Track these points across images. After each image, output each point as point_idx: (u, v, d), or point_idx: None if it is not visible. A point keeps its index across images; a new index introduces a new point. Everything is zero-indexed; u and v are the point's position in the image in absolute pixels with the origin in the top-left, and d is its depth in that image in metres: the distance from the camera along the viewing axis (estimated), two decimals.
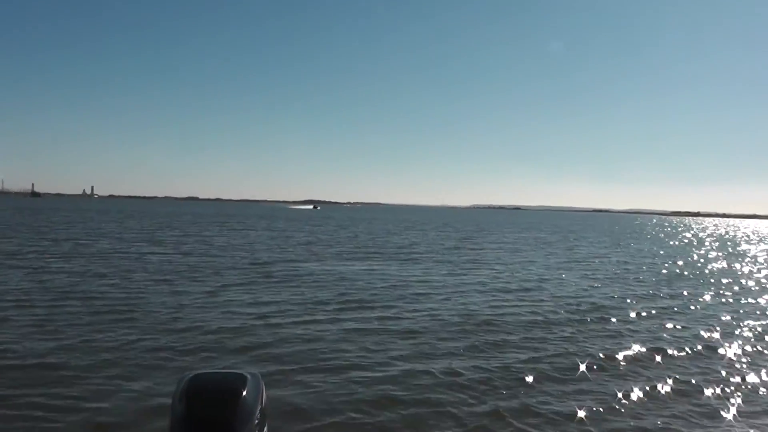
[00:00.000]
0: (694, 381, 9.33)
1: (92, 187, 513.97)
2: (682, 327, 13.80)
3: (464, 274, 22.97)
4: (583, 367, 9.92)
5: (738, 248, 50.91)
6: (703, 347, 11.76)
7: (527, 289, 19.20)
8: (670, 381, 9.19)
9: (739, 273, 28.29)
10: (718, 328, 13.67)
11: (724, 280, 24.44)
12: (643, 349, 11.38)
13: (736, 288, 21.92)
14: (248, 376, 1.61)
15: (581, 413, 7.69)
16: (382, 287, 18.41)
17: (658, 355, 11.03)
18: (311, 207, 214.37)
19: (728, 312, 16.25)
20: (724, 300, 18.60)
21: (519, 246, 42.66)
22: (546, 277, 23.21)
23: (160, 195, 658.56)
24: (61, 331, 11.08)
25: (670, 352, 11.25)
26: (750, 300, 18.74)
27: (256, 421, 1.53)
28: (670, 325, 13.86)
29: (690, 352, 11.37)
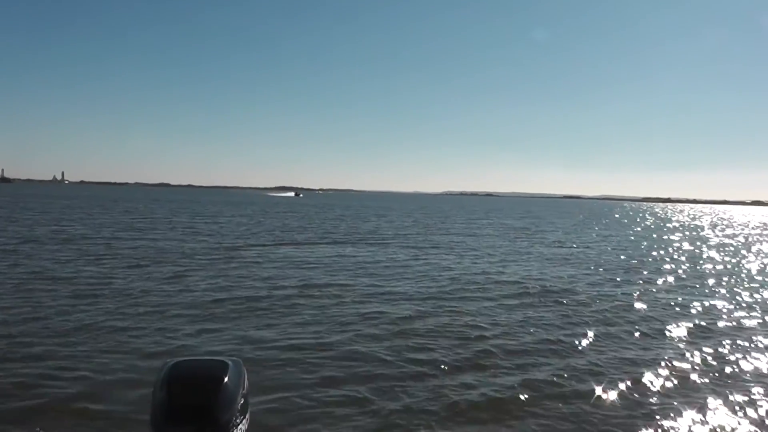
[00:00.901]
0: (634, 359, 9.89)
1: (63, 173, 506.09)
2: (626, 308, 14.87)
3: (423, 257, 24.00)
4: (517, 346, 10.92)
5: (700, 233, 52.80)
6: (643, 329, 12.52)
7: (485, 273, 20.28)
8: (613, 362, 9.67)
9: (694, 257, 29.71)
10: (663, 310, 14.70)
11: (679, 264, 25.82)
12: (588, 331, 12.31)
13: (685, 271, 23.28)
14: (230, 363, 1.62)
15: (519, 394, 8.01)
16: (345, 269, 19.36)
17: (598, 335, 11.91)
18: (293, 194, 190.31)
19: (677, 294, 17.35)
20: (674, 283, 19.77)
21: (482, 231, 43.86)
22: (499, 260, 24.32)
23: (131, 181, 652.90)
24: (28, 314, 11.51)
25: (612, 331, 12.04)
26: (700, 282, 20.01)
27: (239, 408, 1.55)
28: (614, 306, 14.92)
29: (632, 334, 12.06)
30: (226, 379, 1.54)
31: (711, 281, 20.04)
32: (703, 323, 13.00)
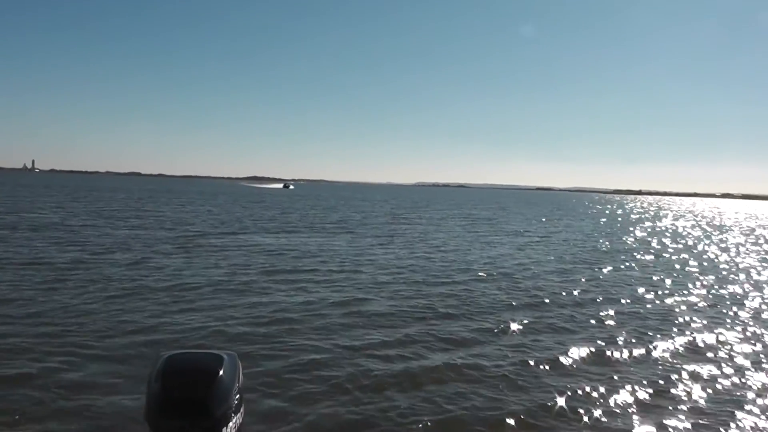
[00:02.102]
0: (560, 339, 10.61)
1: (33, 161, 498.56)
2: (564, 292, 16.31)
3: (387, 244, 25.23)
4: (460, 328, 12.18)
5: (660, 223, 54.83)
6: (575, 312, 13.87)
7: (444, 260, 21.56)
8: (550, 348, 10.26)
9: (647, 247, 31.38)
10: (598, 295, 16.28)
11: (629, 254, 27.44)
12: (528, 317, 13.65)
13: (633, 260, 24.84)
14: (225, 357, 1.63)
15: (442, 377, 8.53)
16: (307, 257, 20.52)
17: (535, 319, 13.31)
18: (281, 185, 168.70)
19: (627, 282, 18.83)
20: (623, 271, 21.29)
21: (447, 221, 45.23)
22: (453, 248, 25.64)
23: (101, 170, 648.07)
24: None
25: (552, 321, 13.24)
26: (643, 271, 21.55)
27: (234, 402, 1.56)
28: (552, 291, 16.39)
29: (567, 322, 13.47)
30: (221, 373, 1.56)
31: (655, 269, 21.58)
32: (629, 308, 14.33)
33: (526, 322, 11.90)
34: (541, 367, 9.09)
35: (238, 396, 1.59)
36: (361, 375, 8.38)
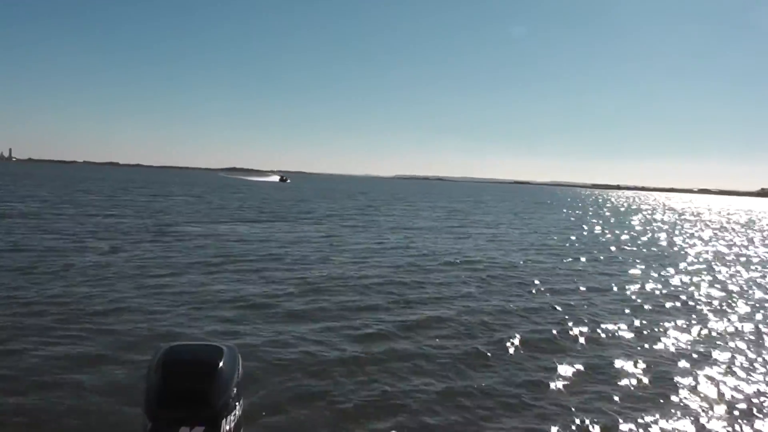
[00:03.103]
0: (519, 335, 10.64)
1: (10, 150, 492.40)
2: (522, 278, 17.22)
3: (361, 233, 26.00)
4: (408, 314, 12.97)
5: (630, 217, 56.30)
6: (527, 296, 14.90)
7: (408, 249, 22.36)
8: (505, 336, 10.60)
9: (615, 240, 32.51)
10: (552, 281, 17.20)
11: (594, 246, 28.49)
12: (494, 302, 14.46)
13: (599, 251, 25.87)
14: (225, 348, 1.63)
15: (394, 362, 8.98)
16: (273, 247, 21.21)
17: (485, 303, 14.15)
18: (277, 179, 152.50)
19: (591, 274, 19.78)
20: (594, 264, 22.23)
21: (420, 213, 46.09)
22: (414, 237, 26.49)
23: (79, 159, 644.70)
24: None
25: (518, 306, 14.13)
26: (609, 261, 22.53)
27: (233, 393, 1.57)
28: (510, 278, 17.32)
29: (517, 297, 14.42)
30: (221, 364, 1.56)
31: (612, 259, 22.60)
32: (580, 296, 15.32)
33: (484, 309, 12.62)
34: (489, 352, 9.66)
35: (237, 388, 1.61)
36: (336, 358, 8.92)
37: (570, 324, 11.54)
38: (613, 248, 26.33)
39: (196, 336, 9.53)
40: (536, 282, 16.08)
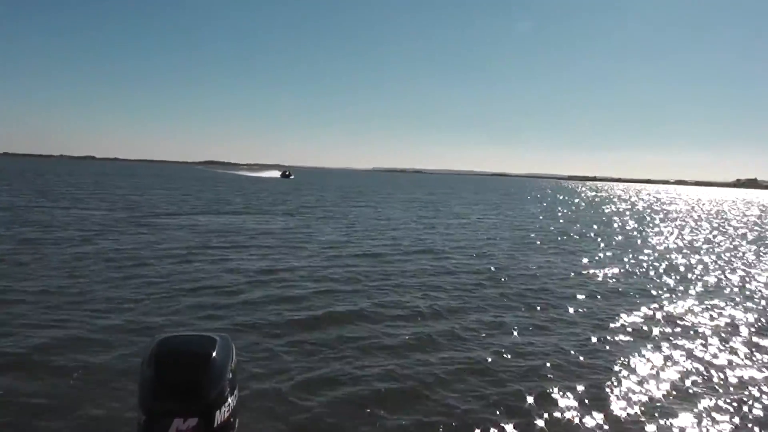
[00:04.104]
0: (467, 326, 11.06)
1: None
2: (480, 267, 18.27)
3: (333, 225, 26.90)
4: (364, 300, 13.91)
5: (598, 210, 57.74)
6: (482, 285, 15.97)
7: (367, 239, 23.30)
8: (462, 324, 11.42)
9: (576, 231, 33.74)
10: (502, 270, 18.32)
11: (555, 237, 29.65)
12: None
13: (560, 241, 27.01)
14: (217, 339, 1.64)
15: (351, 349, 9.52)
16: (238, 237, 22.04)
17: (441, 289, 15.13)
18: (278, 174, 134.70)
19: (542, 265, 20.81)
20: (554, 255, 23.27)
21: (390, 204, 47.09)
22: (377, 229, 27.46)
23: (55, 153, 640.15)
24: None
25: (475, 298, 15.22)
26: (570, 250, 23.65)
27: (227, 383, 1.59)
28: (472, 267, 18.41)
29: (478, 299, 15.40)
30: (214, 355, 1.58)
31: (572, 250, 23.74)
32: (537, 284, 16.42)
33: (444, 296, 13.63)
34: (440, 338, 10.18)
35: (231, 378, 1.62)
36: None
37: (521, 306, 12.51)
38: (576, 237, 27.54)
39: (181, 323, 9.92)
40: (493, 269, 17.03)
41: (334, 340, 9.49)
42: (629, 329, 11.00)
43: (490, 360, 8.90)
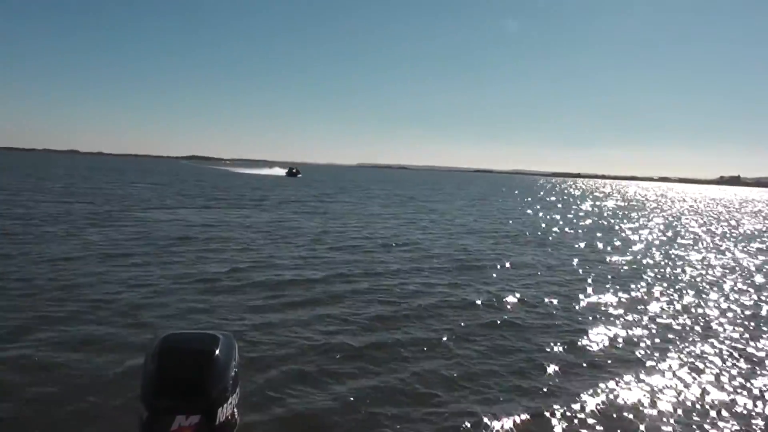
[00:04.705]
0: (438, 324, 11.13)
1: None
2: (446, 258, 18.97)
3: (310, 219, 27.48)
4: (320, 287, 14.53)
5: (572, 206, 58.62)
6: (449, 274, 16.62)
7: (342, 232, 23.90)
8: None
9: (551, 225, 34.53)
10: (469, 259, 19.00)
11: (526, 231, 30.41)
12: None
13: (530, 235, 27.77)
14: (221, 336, 1.66)
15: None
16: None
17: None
18: (283, 172, 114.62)
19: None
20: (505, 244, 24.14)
21: (370, 200, 47.69)
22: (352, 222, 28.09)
23: (38, 147, 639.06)
24: None
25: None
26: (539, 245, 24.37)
27: (230, 381, 1.60)
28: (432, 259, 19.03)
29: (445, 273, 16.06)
30: (217, 353, 1.59)
31: (547, 241, 24.49)
32: (500, 274, 17.10)
33: (408, 287, 14.29)
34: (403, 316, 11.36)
35: (234, 376, 1.63)
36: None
37: (489, 299, 12.98)
38: (548, 232, 28.35)
39: (172, 317, 10.13)
40: (466, 264, 17.52)
41: (338, 337, 9.59)
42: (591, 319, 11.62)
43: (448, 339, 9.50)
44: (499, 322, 10.88)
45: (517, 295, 13.13)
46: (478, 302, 12.28)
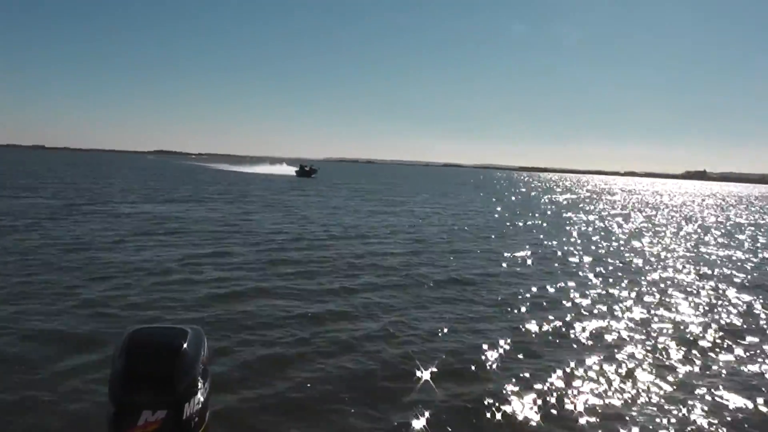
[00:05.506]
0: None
1: None
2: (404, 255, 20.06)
3: (270, 213, 28.37)
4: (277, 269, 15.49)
5: (531, 200, 60.14)
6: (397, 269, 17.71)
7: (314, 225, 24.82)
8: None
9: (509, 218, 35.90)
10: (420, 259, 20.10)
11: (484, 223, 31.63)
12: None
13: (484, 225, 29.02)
14: (189, 331, 1.65)
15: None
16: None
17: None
18: (294, 171, 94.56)
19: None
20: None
21: (335, 193, 48.53)
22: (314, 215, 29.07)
23: (3, 143, 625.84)
24: None
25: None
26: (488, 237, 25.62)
27: (198, 375, 1.60)
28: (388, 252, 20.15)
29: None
30: (184, 347, 1.58)
31: (505, 233, 25.73)
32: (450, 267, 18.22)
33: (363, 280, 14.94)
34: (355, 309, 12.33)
35: (202, 370, 1.63)
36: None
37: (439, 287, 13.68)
38: (507, 224, 29.68)
39: (138, 309, 10.33)
40: (415, 256, 18.26)
41: (303, 329, 9.78)
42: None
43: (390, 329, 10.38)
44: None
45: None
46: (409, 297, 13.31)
